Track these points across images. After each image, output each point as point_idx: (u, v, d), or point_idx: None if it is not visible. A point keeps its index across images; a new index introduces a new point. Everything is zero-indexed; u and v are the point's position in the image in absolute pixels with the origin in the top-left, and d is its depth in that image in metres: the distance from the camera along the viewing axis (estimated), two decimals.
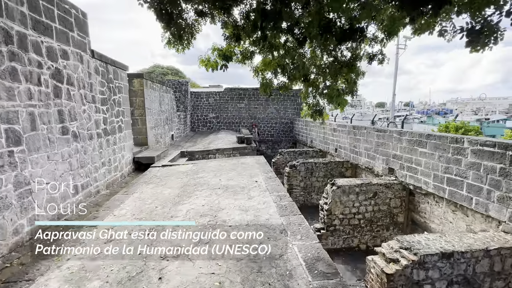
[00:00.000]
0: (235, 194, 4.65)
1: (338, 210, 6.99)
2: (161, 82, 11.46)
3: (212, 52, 5.12)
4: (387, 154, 7.86)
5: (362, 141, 9.31)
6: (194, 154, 10.09)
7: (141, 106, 9.05)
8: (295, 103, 19.22)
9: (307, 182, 10.23)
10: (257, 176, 5.84)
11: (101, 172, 5.76)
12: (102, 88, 5.97)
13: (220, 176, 5.92)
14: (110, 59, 6.33)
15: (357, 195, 7.02)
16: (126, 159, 7.17)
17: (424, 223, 6.70)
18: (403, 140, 7.09)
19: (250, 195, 4.56)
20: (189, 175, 6.17)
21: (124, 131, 7.11)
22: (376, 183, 7.10)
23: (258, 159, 7.58)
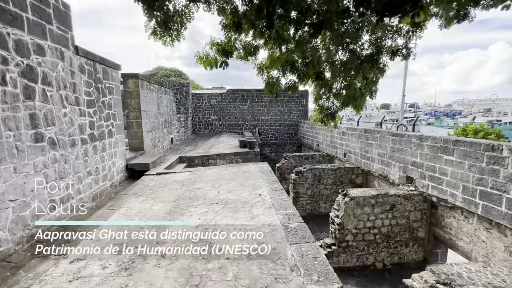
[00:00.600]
0: (236, 212, 3.97)
1: (351, 224, 6.26)
2: (159, 83, 10.88)
3: (211, 47, 4.48)
4: (404, 161, 7.11)
5: (375, 146, 8.57)
6: (193, 159, 9.45)
7: (137, 108, 8.45)
8: (300, 104, 18.52)
9: (314, 190, 9.51)
10: (260, 187, 5.16)
11: (86, 183, 5.14)
12: (88, 88, 5.37)
13: (219, 188, 5.25)
14: (98, 56, 5.73)
15: (373, 207, 6.29)
16: (117, 167, 6.56)
17: (450, 240, 5.93)
18: (425, 146, 6.34)
19: (252, 213, 3.88)
20: (185, 186, 5.51)
21: (115, 136, 6.50)
22: (393, 194, 6.36)
23: (261, 166, 6.90)
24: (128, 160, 7.27)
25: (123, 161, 6.91)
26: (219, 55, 4.27)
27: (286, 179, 13.11)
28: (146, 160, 7.62)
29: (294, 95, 18.40)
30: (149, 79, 9.29)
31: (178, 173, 6.75)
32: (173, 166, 8.61)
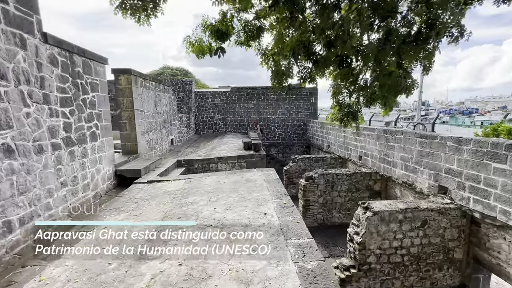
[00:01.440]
0: (233, 242, 3.06)
1: (374, 244, 5.27)
2: (157, 80, 10.08)
3: (204, 31, 3.58)
4: (436, 168, 6.04)
5: (397, 149, 7.50)
6: (192, 163, 8.61)
7: (130, 107, 7.66)
8: (309, 103, 17.48)
9: (326, 198, 8.51)
10: (266, 203, 4.23)
11: (59, 196, 4.33)
12: (63, 84, 4.56)
13: (216, 202, 4.36)
14: (77, 47, 4.92)
15: (400, 223, 5.28)
16: (103, 174, 5.76)
17: (498, 266, 4.86)
18: (464, 151, 5.27)
19: (255, 245, 2.96)
20: (176, 199, 4.65)
21: (100, 138, 5.70)
22: (426, 207, 5.32)
23: (267, 174, 5.97)
24: (118, 165, 6.47)
25: (111, 167, 6.11)
26: (213, 38, 3.36)
27: (294, 183, 12.15)
28: (138, 165, 6.81)
29: (302, 92, 17.38)
30: (145, 75, 8.48)
31: (171, 181, 5.90)
32: (169, 171, 7.78)
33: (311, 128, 16.20)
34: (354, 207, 8.84)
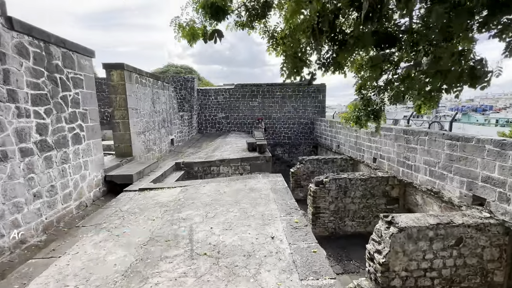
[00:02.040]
0: (232, 276, 2.36)
1: (399, 265, 4.50)
2: (155, 76, 9.42)
3: (196, 9, 2.85)
4: (470, 175, 5.21)
5: (420, 152, 6.67)
6: (192, 166, 7.95)
7: (123, 105, 7.01)
8: (316, 100, 16.61)
9: (339, 204, 7.75)
10: (273, 221, 3.51)
11: (31, 210, 3.70)
12: (35, 79, 3.91)
13: (214, 218, 3.66)
14: (54, 36, 4.26)
15: (431, 241, 4.49)
16: (90, 181, 5.13)
17: None
18: (510, 156, 4.43)
19: (260, 283, 2.24)
20: (168, 213, 3.97)
21: (85, 141, 5.06)
22: (461, 223, 4.52)
23: (274, 181, 5.24)
24: (108, 170, 5.84)
25: (99, 172, 5.48)
26: (207, 16, 2.62)
27: (301, 186, 11.39)
28: (131, 169, 6.17)
29: (310, 89, 16.52)
30: (140, 71, 7.82)
31: (165, 189, 5.22)
32: (166, 175, 7.13)
33: (319, 127, 15.37)
34: (369, 215, 8.07)
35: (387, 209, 7.82)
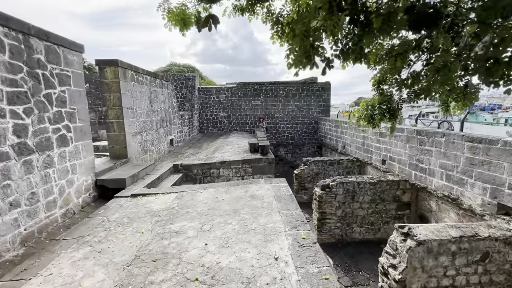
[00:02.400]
0: None
1: (418, 282, 4.04)
2: (153, 74, 9.02)
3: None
4: (494, 181, 4.72)
5: (436, 154, 6.17)
6: (190, 168, 7.54)
7: (117, 104, 6.62)
8: (321, 99, 16.10)
9: (346, 210, 7.28)
10: (277, 236, 3.07)
11: (6, 221, 3.31)
12: (12, 75, 3.51)
13: (210, 232, 3.24)
14: (35, 28, 3.85)
15: (453, 256, 4.02)
16: (78, 186, 4.74)
17: None
18: None
19: None
20: (159, 224, 3.55)
21: (73, 143, 4.67)
22: (487, 236, 4.03)
23: (277, 188, 4.80)
24: (99, 173, 5.45)
25: (89, 176, 5.09)
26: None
27: (306, 188, 10.93)
28: (124, 173, 5.77)
29: (314, 88, 16.02)
30: (136, 68, 7.41)
31: (160, 195, 4.82)
32: (163, 179, 6.74)
33: (324, 126, 14.87)
34: (378, 221, 7.59)
35: (398, 215, 7.34)
